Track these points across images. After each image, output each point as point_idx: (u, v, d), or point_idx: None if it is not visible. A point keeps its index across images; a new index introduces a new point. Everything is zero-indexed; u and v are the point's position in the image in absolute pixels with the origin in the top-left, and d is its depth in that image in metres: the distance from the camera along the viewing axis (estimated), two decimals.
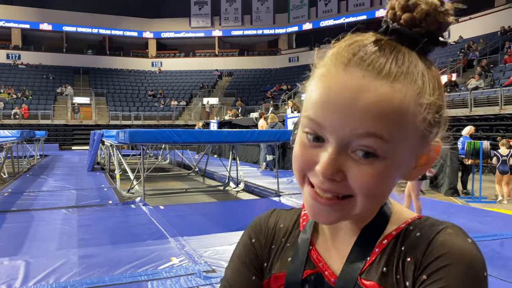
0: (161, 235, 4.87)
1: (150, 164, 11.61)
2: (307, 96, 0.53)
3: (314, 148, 0.51)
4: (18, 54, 34.20)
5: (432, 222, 0.54)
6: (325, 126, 0.49)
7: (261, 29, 38.25)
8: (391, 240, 0.56)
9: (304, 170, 0.53)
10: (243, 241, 0.68)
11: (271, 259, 0.65)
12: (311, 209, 0.54)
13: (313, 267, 0.60)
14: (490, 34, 22.38)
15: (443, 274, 0.48)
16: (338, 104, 0.48)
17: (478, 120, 13.97)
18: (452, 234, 0.51)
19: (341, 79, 0.49)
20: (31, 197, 7.60)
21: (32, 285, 3.29)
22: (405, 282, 0.51)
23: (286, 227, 0.67)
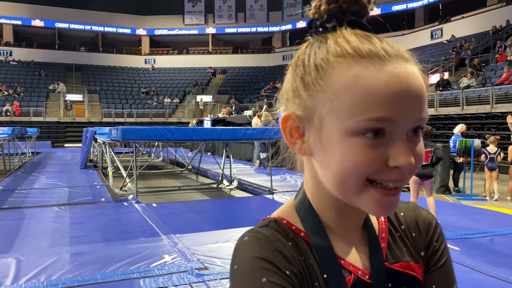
0: (153, 232, 4.86)
1: (143, 161, 11.58)
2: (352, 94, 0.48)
3: (378, 148, 0.48)
4: (10, 51, 33.87)
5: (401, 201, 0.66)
6: (398, 120, 0.48)
7: (255, 27, 38.22)
8: (387, 224, 0.64)
9: (371, 174, 0.49)
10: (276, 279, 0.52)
11: (310, 285, 0.56)
12: (381, 206, 0.51)
13: (348, 273, 0.58)
14: (482, 33, 22.54)
15: (441, 238, 0.65)
16: (405, 94, 0.48)
17: (470, 118, 14.08)
18: (422, 209, 0.68)
19: (389, 70, 0.48)
20: (22, 195, 7.55)
21: (23, 283, 3.27)
22: (419, 253, 0.63)
23: (294, 244, 0.58)
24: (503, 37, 19.64)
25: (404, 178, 0.50)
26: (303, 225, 0.59)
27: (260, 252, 0.53)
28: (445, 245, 0.65)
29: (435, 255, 0.64)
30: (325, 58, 0.51)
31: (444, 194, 8.37)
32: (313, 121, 0.52)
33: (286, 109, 0.56)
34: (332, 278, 0.56)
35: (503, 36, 19.66)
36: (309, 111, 0.52)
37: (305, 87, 0.52)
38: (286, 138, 0.56)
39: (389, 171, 0.49)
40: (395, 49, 0.51)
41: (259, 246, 0.54)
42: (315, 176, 0.57)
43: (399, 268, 0.60)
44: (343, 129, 0.49)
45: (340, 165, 0.50)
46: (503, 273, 3.52)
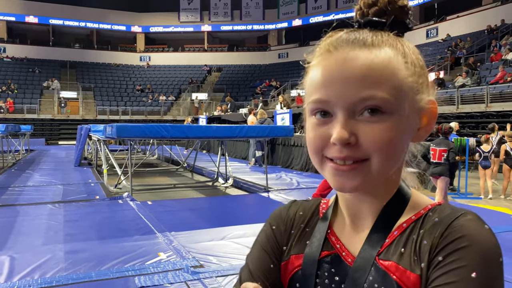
0: (148, 230, 4.84)
1: (137, 159, 11.54)
2: (307, 87, 0.60)
3: (325, 125, 0.56)
4: (3, 47, 33.58)
5: (452, 208, 0.57)
6: (331, 99, 0.55)
7: (251, 25, 38.15)
8: (411, 224, 0.59)
9: (320, 149, 0.57)
10: (264, 229, 0.72)
11: (290, 242, 0.68)
12: (335, 181, 0.57)
13: (330, 249, 0.64)
14: (477, 32, 22.64)
15: (460, 255, 0.50)
16: (337, 77, 0.55)
17: (465, 117, 14.14)
18: (471, 220, 0.53)
19: (334, 58, 0.56)
20: (16, 192, 7.50)
21: (17, 280, 3.24)
22: (420, 264, 0.54)
23: (305, 214, 0.70)
24: (498, 36, 19.75)
25: (343, 156, 0.54)
26: (329, 205, 0.70)
27: (276, 210, 0.74)
28: (461, 265, 0.49)
29: (436, 271, 0.51)
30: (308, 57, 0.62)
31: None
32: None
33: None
34: (311, 243, 0.66)
35: (498, 36, 19.76)
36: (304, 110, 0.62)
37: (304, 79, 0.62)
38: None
39: (331, 147, 0.55)
40: (357, 38, 0.57)
41: (280, 208, 0.74)
42: None
43: (382, 265, 0.57)
44: (307, 111, 0.59)
45: (307, 143, 0.60)
46: None
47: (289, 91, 26.18)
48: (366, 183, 0.56)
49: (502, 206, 6.75)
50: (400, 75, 0.55)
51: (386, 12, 0.59)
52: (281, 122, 12.39)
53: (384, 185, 0.61)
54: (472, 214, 0.54)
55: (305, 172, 10.31)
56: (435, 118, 0.62)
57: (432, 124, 0.62)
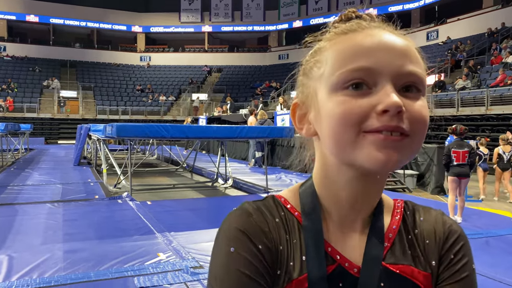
0: (148, 230, 4.82)
1: (137, 159, 11.52)
2: (325, 64, 0.55)
3: (363, 97, 0.51)
4: (4, 46, 33.55)
5: (420, 206, 0.64)
6: (378, 68, 0.51)
7: (251, 26, 38.16)
8: (400, 225, 0.61)
9: (359, 122, 0.50)
10: (243, 250, 0.54)
11: (284, 262, 0.56)
12: (381, 154, 0.50)
13: (331, 262, 0.57)
14: (477, 35, 22.66)
15: (463, 252, 0.59)
16: (380, 45, 0.52)
17: (465, 120, 14.14)
18: (449, 218, 0.63)
19: (369, 32, 0.54)
20: (15, 191, 7.47)
21: (15, 280, 3.22)
22: (430, 261, 0.59)
23: (281, 220, 0.59)
24: (498, 39, 19.75)
25: (393, 125, 0.49)
26: (301, 205, 0.60)
27: (239, 223, 0.56)
28: (467, 260, 0.59)
29: (451, 269, 0.58)
30: (318, 45, 0.59)
31: (439, 195, 8.39)
32: (310, 98, 0.58)
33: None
34: (310, 260, 0.56)
35: (498, 39, 19.77)
36: (307, 91, 0.58)
37: (306, 73, 0.59)
38: (296, 126, 0.61)
39: (379, 117, 0.49)
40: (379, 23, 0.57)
41: (241, 218, 0.57)
42: (322, 159, 0.59)
43: (395, 269, 0.56)
44: (329, 88, 0.53)
45: (331, 121, 0.52)
46: (499, 274, 3.52)
47: (289, 92, 26.16)
48: (405, 160, 0.52)
49: (503, 209, 6.74)
50: (423, 64, 0.55)
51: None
52: (281, 123, 12.39)
53: (385, 180, 0.58)
54: (442, 212, 0.64)
55: (305, 174, 10.30)
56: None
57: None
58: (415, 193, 8.43)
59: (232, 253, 0.54)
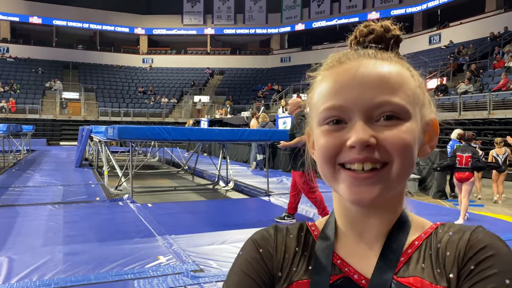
0: (148, 233, 4.81)
1: (138, 161, 11.53)
2: (315, 99, 0.60)
3: (339, 131, 0.55)
4: (7, 47, 33.68)
5: (461, 225, 0.59)
6: (347, 105, 0.54)
7: (254, 29, 38.22)
8: (423, 242, 0.59)
9: (334, 156, 0.55)
10: (247, 254, 0.63)
11: (287, 267, 0.62)
12: (352, 192, 0.54)
13: (338, 272, 0.59)
14: (480, 39, 22.65)
15: (491, 263, 0.51)
16: (352, 82, 0.55)
17: (467, 124, 14.10)
18: (487, 232, 0.56)
19: (347, 66, 0.57)
20: (16, 192, 7.48)
21: (15, 282, 3.22)
22: (447, 275, 0.54)
23: (296, 237, 0.65)
24: (501, 43, 19.74)
25: (362, 157, 0.53)
26: (324, 226, 0.65)
27: (255, 235, 0.66)
28: (494, 272, 0.51)
29: (470, 279, 0.52)
30: (313, 77, 0.62)
31: (440, 199, 8.37)
32: (311, 129, 0.63)
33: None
34: (316, 267, 0.60)
35: (501, 43, 19.75)
36: (310, 123, 0.63)
37: (308, 105, 0.63)
38: (310, 152, 0.65)
39: (349, 151, 0.54)
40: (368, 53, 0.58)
41: (259, 232, 0.66)
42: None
43: (403, 282, 0.55)
44: (316, 123, 0.59)
45: (317, 153, 0.59)
46: None
47: (291, 95, 26.17)
48: (384, 192, 0.54)
49: (504, 214, 6.71)
50: (410, 84, 0.57)
51: (382, 40, 0.62)
52: (283, 126, 12.38)
53: (395, 199, 0.60)
54: (483, 228, 0.57)
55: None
56: (437, 135, 0.63)
57: (435, 141, 0.63)
58: (416, 197, 8.40)
59: (239, 256, 0.64)
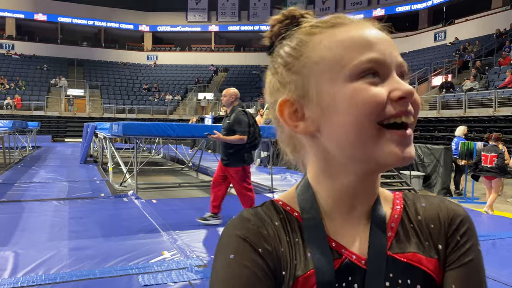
0: (153, 228, 4.84)
1: (143, 158, 11.56)
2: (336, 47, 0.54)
3: (377, 86, 0.52)
4: (12, 44, 33.83)
5: (421, 195, 0.64)
6: (386, 59, 0.53)
7: (258, 25, 38.11)
8: (402, 214, 0.60)
9: (382, 110, 0.51)
10: (243, 257, 0.53)
11: (288, 263, 0.55)
12: (402, 151, 0.52)
13: (338, 256, 0.56)
14: (486, 36, 22.49)
15: (469, 235, 0.58)
16: (383, 38, 0.54)
17: (472, 121, 14.04)
18: (452, 202, 0.62)
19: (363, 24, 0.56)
20: (22, 188, 7.53)
21: (21, 276, 3.25)
22: (436, 246, 0.58)
23: (282, 223, 0.58)
24: (506, 40, 19.60)
25: (408, 110, 0.52)
26: (299, 205, 0.59)
27: (239, 230, 0.55)
28: (472, 243, 0.58)
29: (457, 251, 0.57)
30: (299, 39, 0.57)
31: (445, 196, 8.35)
32: (310, 94, 0.55)
33: (277, 100, 0.58)
34: (316, 255, 0.55)
35: (507, 40, 19.61)
36: (302, 87, 0.55)
37: (290, 69, 0.57)
38: (287, 124, 0.58)
39: (395, 104, 0.51)
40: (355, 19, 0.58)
41: (240, 224, 0.56)
42: (323, 158, 0.57)
43: (402, 258, 0.56)
44: (343, 79, 0.52)
45: (353, 112, 0.51)
46: (504, 277, 3.50)
47: None
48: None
49: (509, 212, 6.68)
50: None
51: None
52: None
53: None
54: (447, 199, 0.63)
55: None
56: None
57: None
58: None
59: (232, 261, 0.53)
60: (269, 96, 0.62)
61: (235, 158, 4.75)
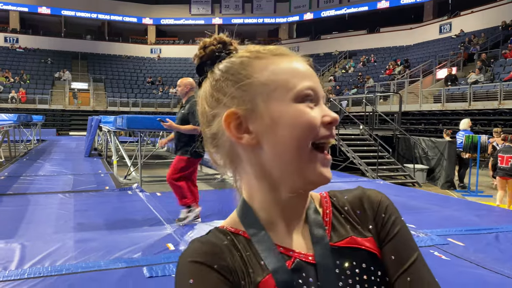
0: (157, 221, 4.87)
1: (147, 151, 11.60)
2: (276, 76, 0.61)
3: (315, 109, 0.60)
4: (16, 38, 33.86)
5: (342, 190, 0.72)
6: (318, 89, 0.62)
7: (262, 18, 37.98)
8: (332, 209, 0.68)
9: (317, 134, 0.59)
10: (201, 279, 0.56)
11: (245, 274, 0.59)
12: (324, 172, 0.60)
13: (288, 258, 0.61)
14: (491, 28, 22.28)
15: (390, 212, 0.66)
16: (314, 75, 0.63)
17: (477, 114, 13.97)
18: (369, 188, 0.70)
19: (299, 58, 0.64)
20: (27, 181, 7.59)
21: (28, 268, 3.29)
22: (367, 227, 0.65)
23: (231, 242, 0.62)
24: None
25: (334, 135, 0.62)
26: (243, 224, 0.64)
27: (191, 256, 0.58)
28: (396, 216, 0.66)
29: (385, 227, 0.65)
30: (240, 63, 0.63)
31: (449, 189, 8.34)
32: (256, 110, 0.60)
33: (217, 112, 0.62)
34: (269, 261, 0.60)
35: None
36: (250, 103, 0.60)
37: (239, 86, 0.61)
38: (232, 135, 0.61)
39: (326, 127, 0.60)
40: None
41: (192, 252, 0.58)
42: (259, 169, 0.61)
43: (343, 244, 0.63)
44: (289, 100, 0.59)
45: (295, 129, 0.58)
46: (508, 269, 3.50)
47: None
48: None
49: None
50: None
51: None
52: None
53: None
54: (361, 187, 0.71)
55: None
56: None
57: None
58: (424, 188, 8.39)
59: (192, 285, 0.55)
60: (208, 107, 0.64)
61: (185, 148, 4.62)
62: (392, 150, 10.21)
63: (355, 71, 27.40)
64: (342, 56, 31.44)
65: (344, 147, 9.94)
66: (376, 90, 19.90)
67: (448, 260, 3.75)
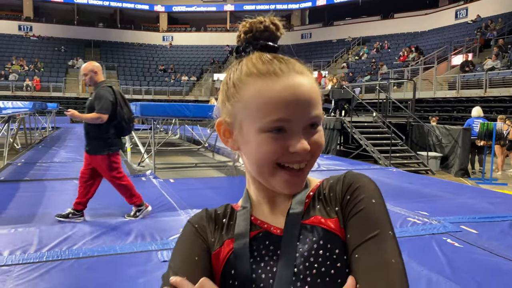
0: (171, 207, 4.94)
1: (160, 138, 11.69)
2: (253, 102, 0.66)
3: (282, 139, 0.65)
4: (30, 26, 34.15)
5: (338, 175, 0.75)
6: (291, 119, 0.64)
7: (274, 4, 37.57)
8: (315, 191, 0.74)
9: (277, 159, 0.66)
10: (185, 231, 0.76)
11: (218, 234, 0.75)
12: (288, 186, 0.68)
13: (258, 228, 0.73)
14: (509, 13, 21.74)
15: (359, 192, 0.69)
16: (293, 100, 0.64)
17: (493, 101, 13.74)
18: (354, 173, 0.73)
19: (284, 82, 0.65)
20: (43, 168, 7.73)
21: (46, 251, 3.38)
22: (335, 208, 0.70)
23: (223, 213, 0.78)
24: None
25: (305, 160, 0.67)
26: (242, 202, 0.78)
27: (190, 218, 0.79)
28: (363, 197, 0.68)
29: (349, 206, 0.69)
30: (239, 77, 0.69)
31: (462, 177, 8.26)
32: (236, 124, 0.69)
33: (220, 116, 0.73)
34: (239, 227, 0.73)
35: None
36: (233, 117, 0.69)
37: (228, 99, 0.70)
38: (221, 138, 0.73)
39: (291, 155, 0.65)
40: (290, 66, 0.68)
41: (193, 217, 0.79)
42: (246, 166, 0.73)
43: (307, 222, 0.70)
44: (255, 128, 0.66)
45: (256, 155, 0.67)
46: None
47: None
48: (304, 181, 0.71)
49: None
50: (318, 89, 0.70)
51: (272, 38, 0.76)
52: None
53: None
54: (351, 171, 0.74)
55: (326, 155, 10.27)
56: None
57: None
58: (438, 175, 8.32)
59: (179, 235, 0.77)
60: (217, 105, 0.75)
61: (97, 143, 4.24)
62: (405, 137, 10.12)
63: (368, 58, 27.07)
64: (356, 42, 31.04)
65: (357, 135, 9.89)
66: (390, 77, 19.66)
67: (461, 247, 3.74)
